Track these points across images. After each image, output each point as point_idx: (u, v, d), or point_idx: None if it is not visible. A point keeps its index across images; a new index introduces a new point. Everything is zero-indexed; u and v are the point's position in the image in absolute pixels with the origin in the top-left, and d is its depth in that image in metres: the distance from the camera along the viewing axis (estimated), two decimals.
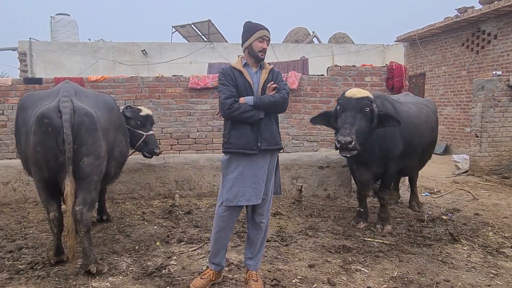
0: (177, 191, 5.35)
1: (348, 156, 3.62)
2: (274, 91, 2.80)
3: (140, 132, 4.43)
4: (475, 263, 3.36)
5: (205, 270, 2.93)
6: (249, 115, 2.72)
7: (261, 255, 2.96)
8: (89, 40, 14.72)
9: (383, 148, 4.08)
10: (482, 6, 9.36)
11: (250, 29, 2.82)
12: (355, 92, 3.76)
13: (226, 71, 2.82)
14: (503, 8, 8.69)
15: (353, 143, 3.45)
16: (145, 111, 4.53)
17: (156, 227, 4.24)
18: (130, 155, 4.62)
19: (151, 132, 4.54)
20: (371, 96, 3.77)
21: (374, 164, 4.15)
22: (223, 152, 2.84)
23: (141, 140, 4.42)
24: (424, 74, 12.09)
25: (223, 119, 2.89)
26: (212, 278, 2.85)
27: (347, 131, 3.51)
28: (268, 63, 2.99)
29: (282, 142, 5.90)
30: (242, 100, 2.74)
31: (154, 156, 4.68)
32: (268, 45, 2.85)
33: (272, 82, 2.82)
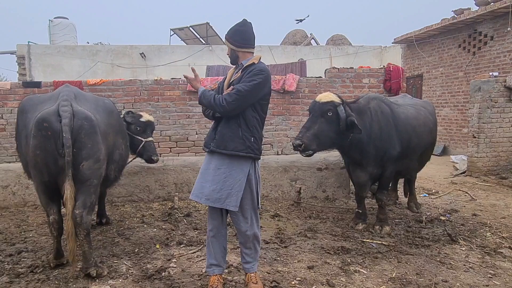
0: (177, 193, 5.36)
1: (304, 155, 3.85)
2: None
3: (139, 138, 4.43)
4: (473, 263, 3.38)
5: (211, 278, 2.84)
6: (206, 113, 2.94)
7: (258, 258, 2.94)
8: (88, 43, 14.70)
9: (379, 149, 4.10)
10: (478, 7, 9.42)
11: None
12: (321, 97, 3.90)
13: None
14: (499, 9, 8.75)
15: (302, 146, 3.67)
16: (146, 117, 4.52)
17: (155, 229, 4.25)
18: (130, 161, 4.63)
19: (150, 138, 4.53)
20: (336, 100, 3.84)
21: (370, 165, 4.17)
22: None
23: (140, 146, 4.42)
24: (421, 75, 12.14)
25: None
26: (222, 281, 2.87)
27: (300, 135, 3.76)
28: (267, 65, 2.95)
29: (280, 144, 5.99)
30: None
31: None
32: (230, 48, 2.89)
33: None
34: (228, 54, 2.94)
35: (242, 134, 2.70)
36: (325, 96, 3.88)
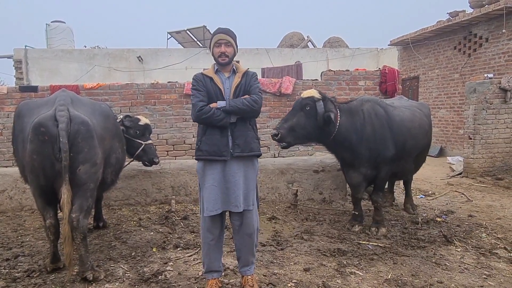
0: (173, 196, 5.37)
1: (281, 146, 4.04)
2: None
3: (139, 141, 4.49)
4: (468, 264, 3.40)
5: (209, 282, 2.86)
6: (219, 118, 2.69)
7: (254, 260, 2.96)
8: (85, 47, 14.73)
9: (372, 151, 4.14)
10: (473, 10, 9.49)
11: (211, 37, 2.89)
12: (304, 93, 4.08)
13: (197, 77, 2.84)
14: (493, 11, 8.82)
15: (278, 136, 3.82)
16: (143, 120, 4.59)
17: (152, 233, 4.25)
18: (128, 163, 4.65)
19: (149, 141, 4.60)
20: (316, 96, 3.97)
21: (363, 166, 4.20)
22: (195, 159, 2.84)
23: (140, 149, 4.48)
24: (417, 77, 12.20)
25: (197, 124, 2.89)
26: (220, 284, 2.89)
27: (278, 126, 3.91)
28: (263, 68, 3.04)
29: (277, 147, 6.01)
30: (214, 105, 2.73)
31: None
32: (230, 46, 2.79)
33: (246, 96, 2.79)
34: (227, 53, 2.78)
35: (255, 135, 2.88)
36: (307, 93, 4.04)
